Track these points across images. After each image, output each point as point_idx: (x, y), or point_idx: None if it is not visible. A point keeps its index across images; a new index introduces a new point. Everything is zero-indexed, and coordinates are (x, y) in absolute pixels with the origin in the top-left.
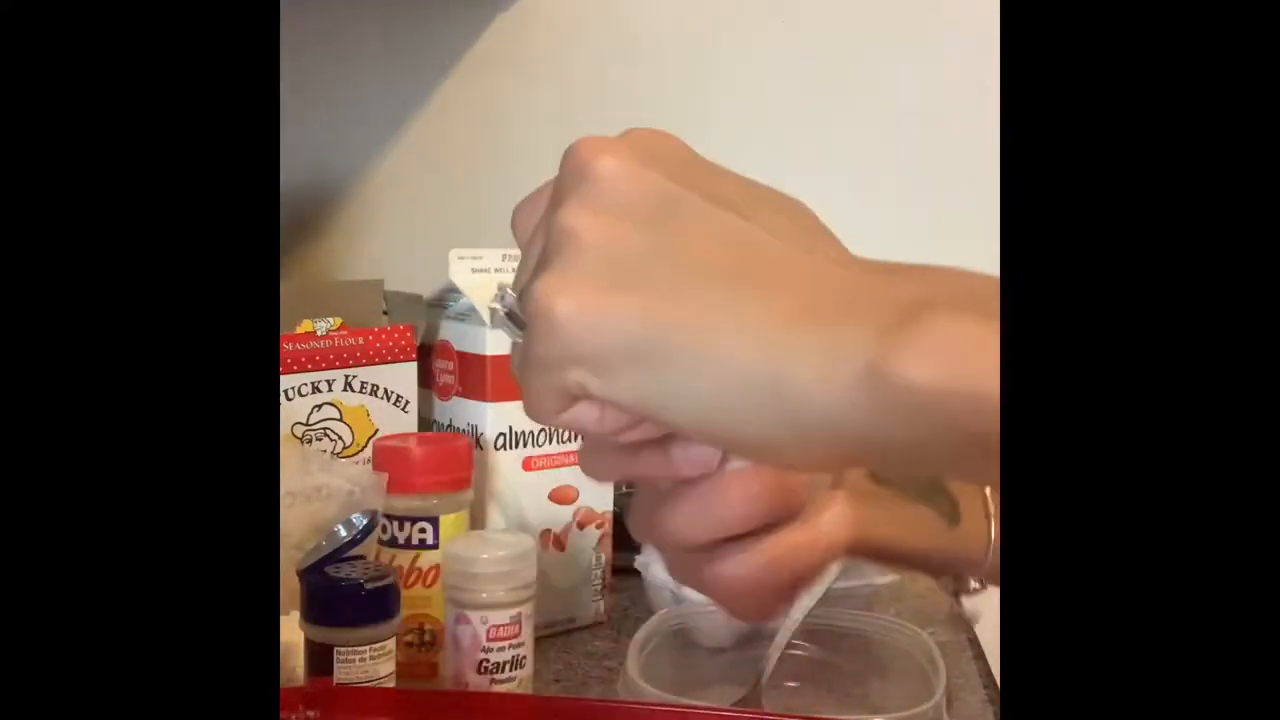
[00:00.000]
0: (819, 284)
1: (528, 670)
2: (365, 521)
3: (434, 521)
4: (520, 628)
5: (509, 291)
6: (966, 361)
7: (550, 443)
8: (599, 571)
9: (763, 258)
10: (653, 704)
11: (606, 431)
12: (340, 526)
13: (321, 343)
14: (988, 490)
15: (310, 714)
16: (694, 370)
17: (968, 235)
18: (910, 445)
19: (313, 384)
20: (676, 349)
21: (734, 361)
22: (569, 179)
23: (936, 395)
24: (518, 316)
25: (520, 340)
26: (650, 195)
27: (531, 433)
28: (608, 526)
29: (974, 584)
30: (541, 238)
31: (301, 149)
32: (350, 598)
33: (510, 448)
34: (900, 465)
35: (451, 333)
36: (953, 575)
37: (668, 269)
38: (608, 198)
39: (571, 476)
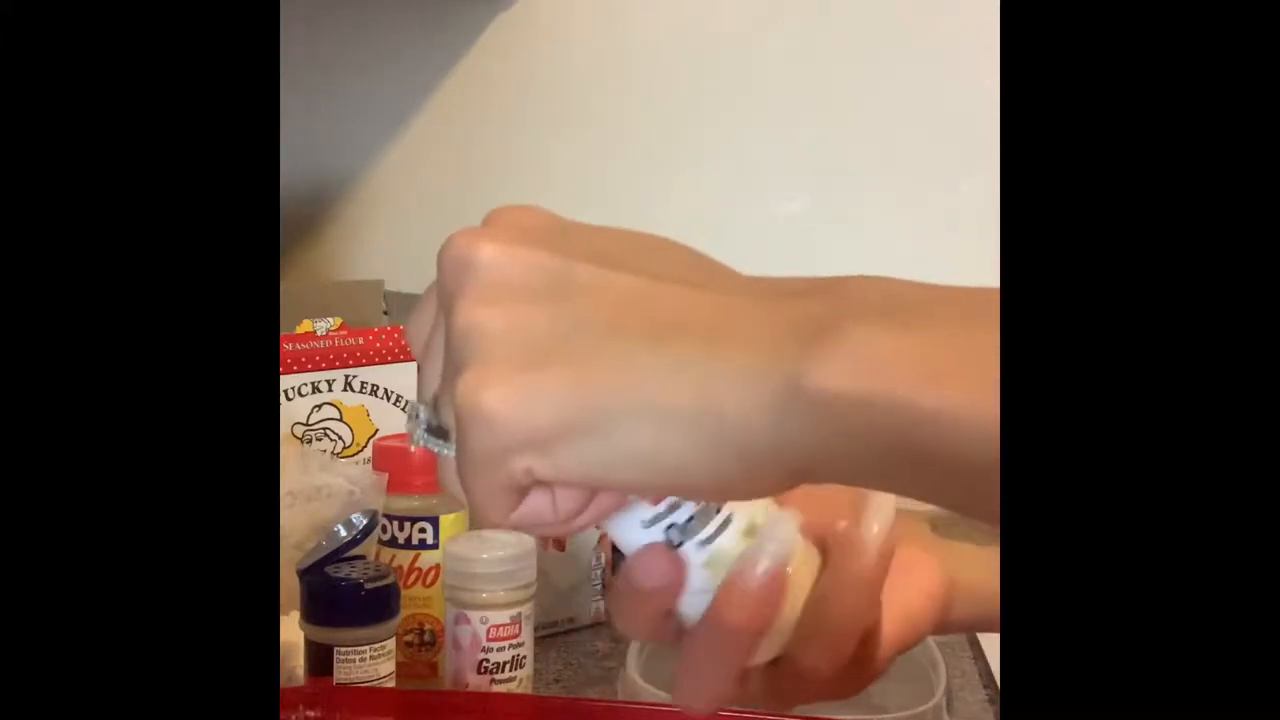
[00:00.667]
0: (730, 315)
1: (528, 670)
2: (365, 521)
3: (434, 521)
4: (520, 628)
5: (421, 407)
6: (881, 368)
7: None
8: (599, 571)
9: (667, 303)
10: (653, 704)
11: (562, 518)
12: (340, 526)
13: (321, 343)
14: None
15: (310, 714)
16: (634, 427)
17: (967, 236)
18: (848, 459)
19: (313, 384)
20: (612, 410)
21: (670, 408)
22: (452, 277)
23: (856, 405)
24: (439, 428)
25: (448, 451)
26: (538, 271)
27: None
28: None
29: None
30: (438, 345)
31: (301, 149)
32: (350, 598)
33: None
34: (845, 481)
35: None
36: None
37: (580, 337)
38: (498, 284)
39: None
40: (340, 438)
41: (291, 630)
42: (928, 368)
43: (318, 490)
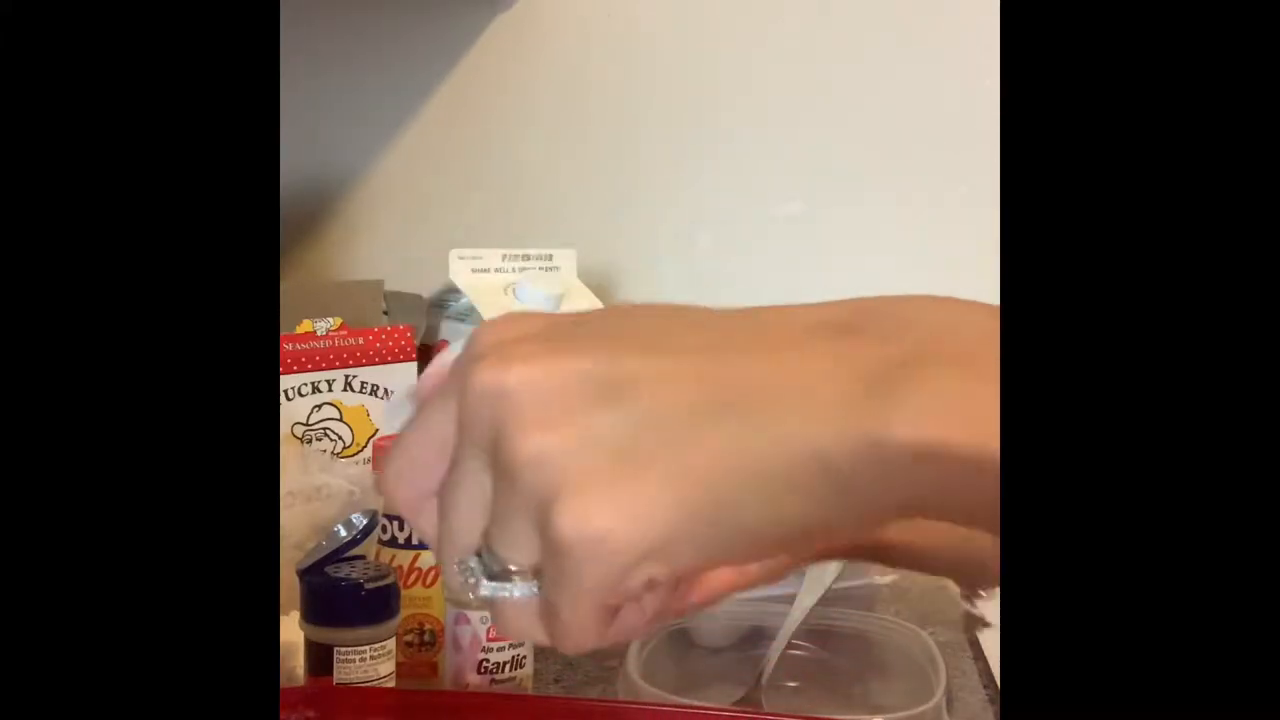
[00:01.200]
0: (802, 376)
1: (528, 670)
2: (365, 521)
3: None
4: None
5: (473, 559)
6: (963, 418)
7: None
8: None
9: (732, 375)
10: (653, 704)
11: (651, 617)
12: (340, 526)
13: (321, 343)
14: None
15: (310, 714)
16: (749, 503)
17: (967, 236)
18: (946, 499)
19: (313, 384)
20: (724, 494)
21: (781, 476)
22: (488, 414)
23: (941, 453)
24: (506, 573)
25: (519, 593)
26: (582, 378)
27: None
28: None
29: (984, 592)
30: (466, 489)
31: (301, 149)
32: (350, 598)
33: None
34: (946, 517)
35: (451, 333)
36: (964, 579)
37: (662, 430)
38: (547, 405)
39: None
40: (340, 438)
41: (291, 630)
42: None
43: (318, 490)
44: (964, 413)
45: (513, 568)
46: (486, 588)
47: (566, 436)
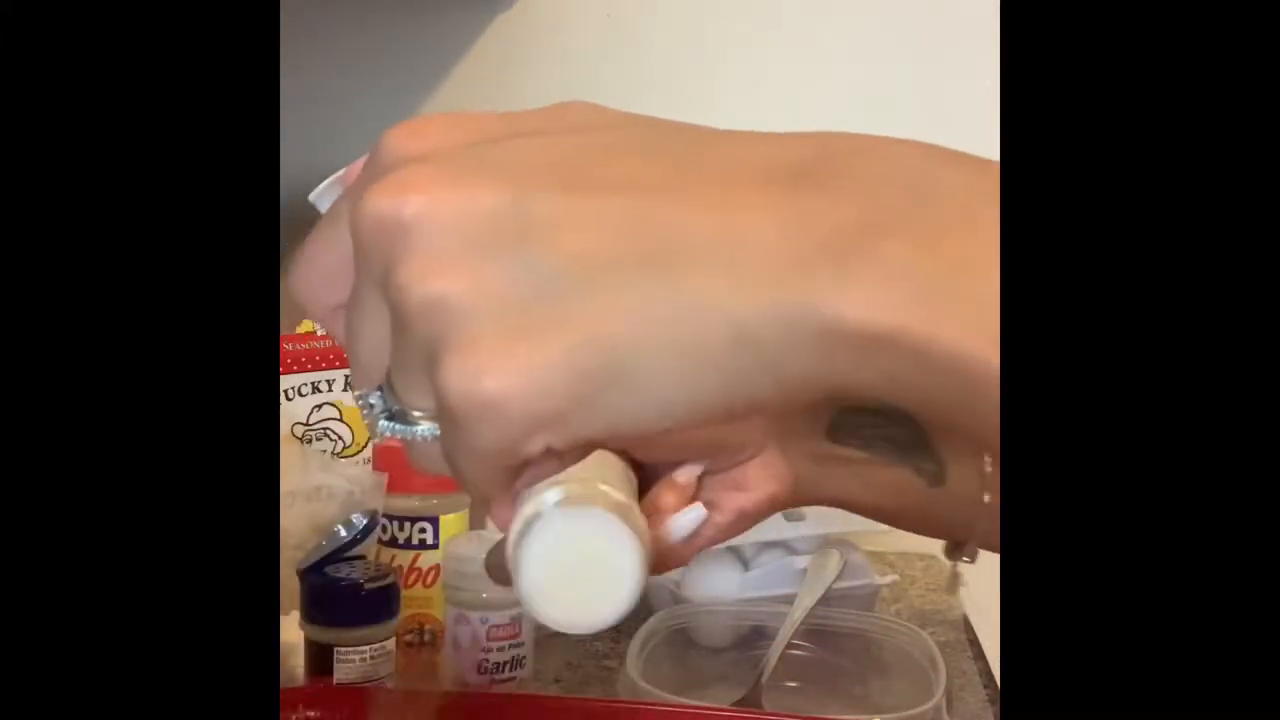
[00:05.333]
0: (743, 231)
1: (528, 670)
2: (365, 521)
3: (434, 521)
4: (520, 628)
5: (374, 395)
6: (923, 305)
7: None
8: None
9: (661, 224)
10: (653, 704)
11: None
12: (340, 526)
13: (321, 343)
14: (987, 455)
15: (310, 714)
16: (661, 373)
17: None
18: (884, 386)
19: (313, 384)
20: (633, 360)
21: (701, 347)
22: (379, 248)
23: (892, 339)
24: (402, 412)
25: (423, 433)
26: (487, 216)
27: None
28: None
29: (966, 553)
30: (372, 318)
31: (301, 149)
32: (350, 598)
33: None
34: (877, 401)
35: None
36: (942, 536)
37: (569, 283)
38: (444, 245)
39: None
40: (340, 438)
41: (291, 630)
42: (964, 308)
43: (318, 490)
44: (924, 298)
45: (414, 412)
46: (385, 427)
47: (461, 285)
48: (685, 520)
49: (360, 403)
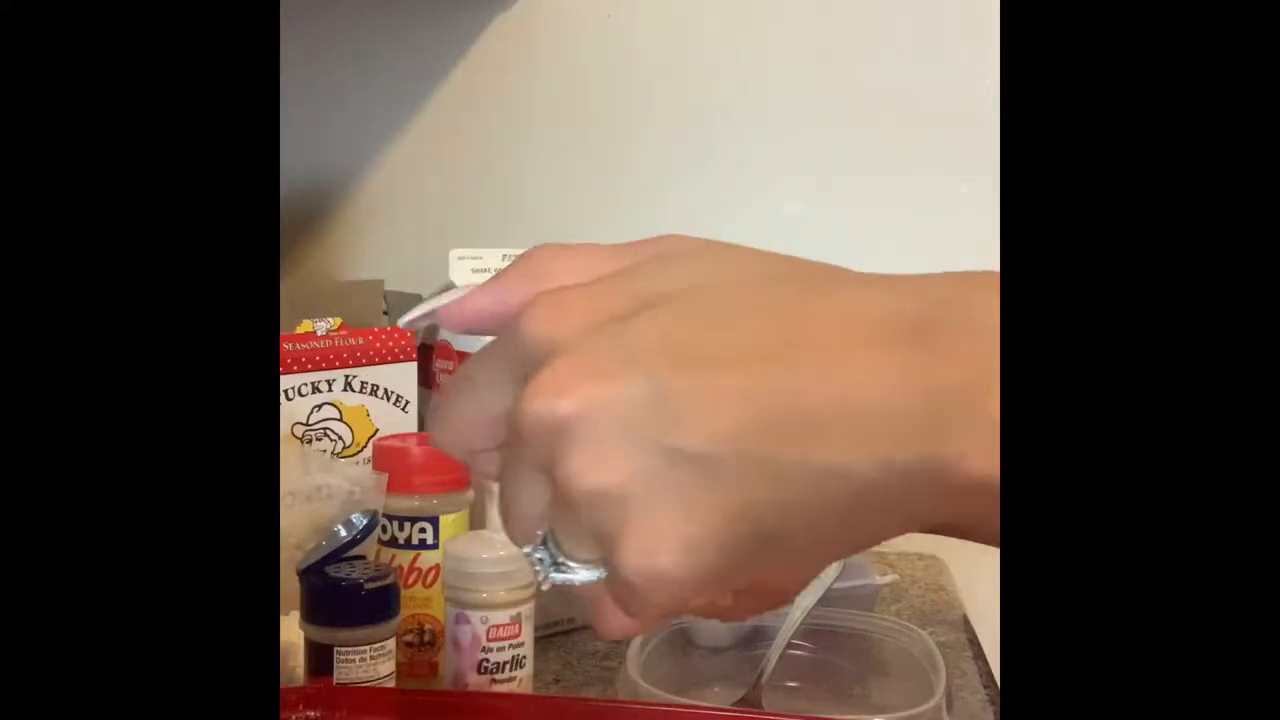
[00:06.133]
0: (868, 393)
1: (528, 670)
2: (365, 521)
3: (434, 521)
4: (520, 628)
5: (538, 551)
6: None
7: None
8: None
9: (777, 383)
10: (653, 704)
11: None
12: (340, 526)
13: (321, 343)
14: None
15: (310, 714)
16: (796, 532)
17: (967, 236)
18: (981, 527)
19: (313, 384)
20: (775, 527)
21: (828, 508)
22: (541, 440)
23: (990, 488)
24: (571, 565)
25: (591, 580)
26: (631, 405)
27: None
28: None
29: None
30: (529, 488)
31: (301, 149)
32: (350, 598)
33: None
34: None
35: (451, 333)
36: None
37: (712, 462)
38: (601, 439)
39: None
40: (340, 438)
41: (291, 630)
42: None
43: (318, 490)
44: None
45: (577, 562)
46: (556, 578)
47: (620, 476)
48: None
49: (528, 559)
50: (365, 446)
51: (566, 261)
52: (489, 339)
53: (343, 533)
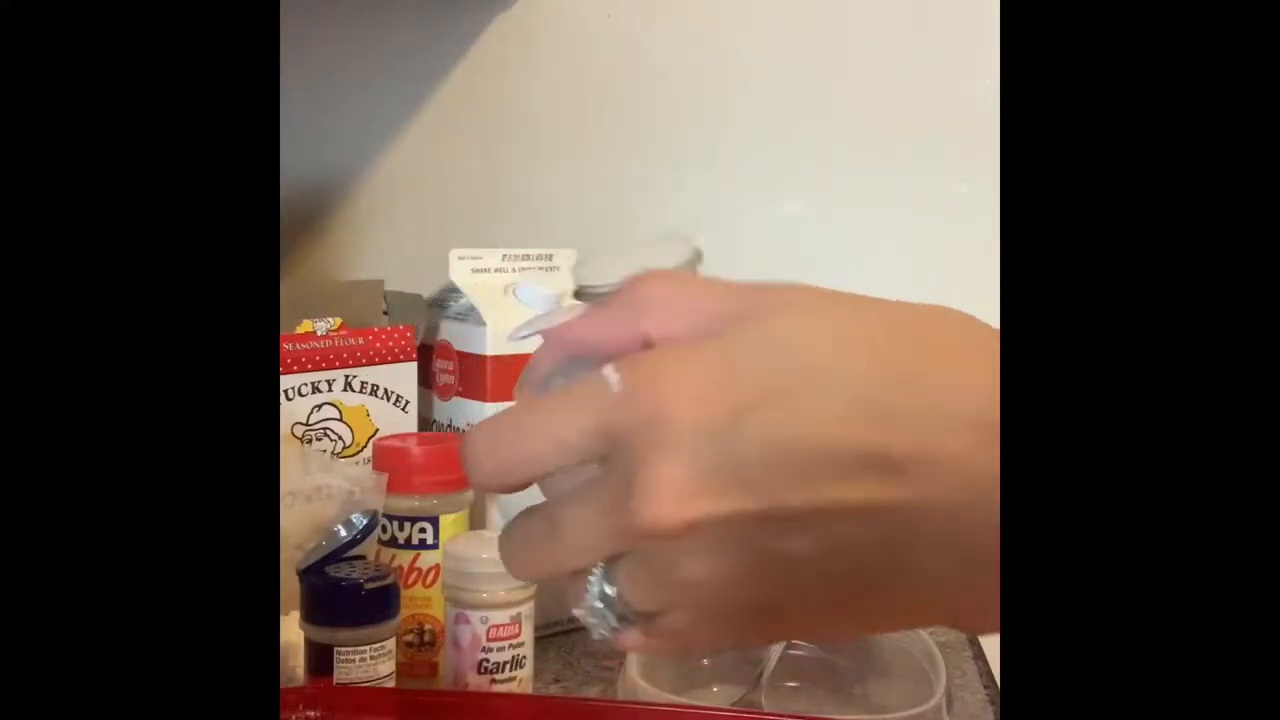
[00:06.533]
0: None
1: (528, 670)
2: (365, 521)
3: (434, 521)
4: (520, 628)
5: (600, 603)
6: None
7: None
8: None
9: (883, 515)
10: (653, 704)
11: None
12: (340, 526)
13: (321, 343)
14: None
15: (310, 714)
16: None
17: (967, 236)
18: None
19: (313, 384)
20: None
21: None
22: (657, 542)
23: None
24: (634, 614)
25: (622, 633)
26: (739, 525)
27: None
28: None
29: None
30: (596, 554)
31: (301, 149)
32: (350, 598)
33: None
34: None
35: (451, 333)
36: None
37: (802, 592)
38: (706, 559)
39: None
40: (340, 438)
41: (291, 630)
42: None
43: (318, 490)
44: None
45: (634, 610)
46: (618, 629)
47: (720, 579)
48: None
49: (588, 612)
50: (365, 446)
51: (675, 296)
52: (495, 346)
53: (343, 533)
